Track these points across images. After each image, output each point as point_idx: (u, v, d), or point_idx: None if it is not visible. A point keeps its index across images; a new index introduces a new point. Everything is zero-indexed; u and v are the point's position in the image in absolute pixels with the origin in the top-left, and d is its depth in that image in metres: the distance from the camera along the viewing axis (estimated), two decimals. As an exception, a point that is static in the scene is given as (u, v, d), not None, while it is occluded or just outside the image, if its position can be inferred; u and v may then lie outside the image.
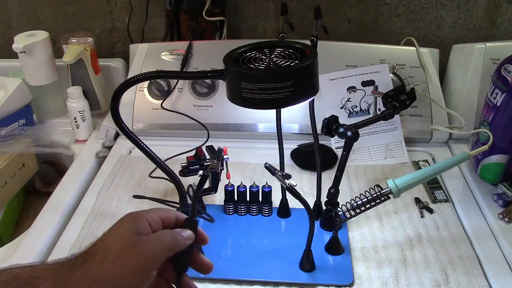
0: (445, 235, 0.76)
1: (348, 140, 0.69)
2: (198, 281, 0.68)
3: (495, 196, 0.83)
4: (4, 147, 0.95)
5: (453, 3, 1.12)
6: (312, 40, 0.76)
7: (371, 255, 0.73)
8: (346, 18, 1.17)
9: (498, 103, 0.80)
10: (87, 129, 1.05)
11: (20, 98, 1.04)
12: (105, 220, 0.79)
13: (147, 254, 0.47)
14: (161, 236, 0.50)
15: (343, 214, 0.71)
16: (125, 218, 0.51)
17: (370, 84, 0.98)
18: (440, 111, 0.99)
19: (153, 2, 1.18)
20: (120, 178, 0.90)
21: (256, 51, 0.62)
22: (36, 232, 0.78)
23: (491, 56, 0.97)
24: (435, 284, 0.68)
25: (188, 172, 0.77)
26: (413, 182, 0.68)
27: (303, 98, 0.59)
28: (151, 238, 0.49)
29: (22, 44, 1.01)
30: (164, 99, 1.01)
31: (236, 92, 0.58)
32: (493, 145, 0.79)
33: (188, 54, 1.04)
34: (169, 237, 0.50)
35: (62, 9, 1.22)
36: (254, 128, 1.01)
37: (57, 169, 1.12)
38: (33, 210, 1.04)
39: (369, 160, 0.96)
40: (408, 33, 1.16)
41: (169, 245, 0.50)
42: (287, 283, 0.68)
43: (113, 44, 1.26)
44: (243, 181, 0.81)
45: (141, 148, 0.63)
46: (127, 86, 0.58)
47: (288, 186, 0.63)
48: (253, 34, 1.21)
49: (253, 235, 0.77)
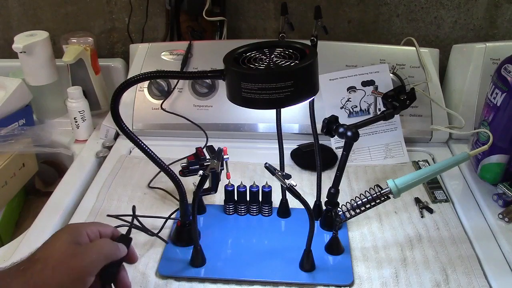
0: (445, 235, 0.76)
1: (348, 140, 0.69)
2: (198, 281, 0.68)
3: (495, 196, 0.83)
4: (4, 147, 0.95)
5: (453, 3, 1.12)
6: (312, 40, 0.76)
7: (371, 255, 0.73)
8: (346, 18, 1.17)
9: (498, 103, 0.80)
10: (87, 129, 1.05)
11: (20, 98, 1.04)
12: (105, 220, 0.79)
13: (85, 261, 0.51)
14: (100, 243, 0.53)
15: (343, 214, 0.71)
16: (64, 229, 0.54)
17: (370, 84, 0.98)
18: (440, 111, 0.99)
19: (153, 2, 1.18)
20: (120, 178, 0.90)
21: (256, 51, 0.62)
22: (36, 232, 0.78)
23: (491, 56, 0.97)
24: (435, 284, 0.68)
25: (188, 172, 0.77)
26: (413, 182, 0.68)
27: (303, 98, 0.59)
28: (90, 246, 0.53)
29: (22, 44, 1.01)
30: (164, 99, 1.01)
31: (236, 92, 0.58)
32: (493, 145, 0.79)
33: (188, 54, 1.04)
34: (108, 245, 0.54)
35: (62, 9, 1.22)
36: (254, 128, 1.01)
37: (57, 169, 1.12)
38: (33, 210, 1.04)
39: (369, 160, 0.96)
40: (408, 33, 1.16)
41: (107, 252, 0.53)
42: (287, 283, 0.68)
43: (113, 44, 1.26)
44: (243, 181, 0.81)
45: (141, 148, 0.63)
46: (127, 86, 0.59)
47: (288, 186, 0.63)
48: (253, 34, 1.21)
49: (253, 235, 0.77)
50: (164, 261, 0.71)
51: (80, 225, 0.55)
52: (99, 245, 0.53)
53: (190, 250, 0.70)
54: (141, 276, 0.69)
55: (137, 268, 0.70)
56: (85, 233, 0.54)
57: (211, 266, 0.70)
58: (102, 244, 0.53)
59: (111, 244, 0.55)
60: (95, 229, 0.55)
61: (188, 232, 0.74)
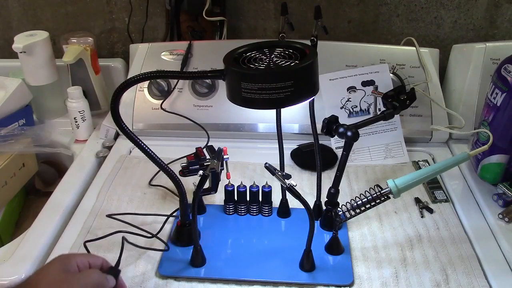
0: (445, 235, 0.76)
1: (348, 140, 0.69)
2: (197, 281, 0.68)
3: (495, 196, 0.83)
4: (4, 147, 0.95)
5: (453, 3, 1.12)
6: (312, 40, 0.76)
7: (371, 255, 0.73)
8: (346, 18, 1.17)
9: (498, 103, 0.80)
10: (87, 129, 1.05)
11: (20, 98, 1.04)
12: (105, 220, 0.79)
13: None
14: (88, 273, 0.57)
15: (343, 214, 0.71)
16: (57, 258, 0.58)
17: (370, 84, 0.98)
18: (440, 111, 0.99)
19: (153, 2, 1.18)
20: (120, 178, 0.90)
21: (256, 51, 0.62)
22: (36, 232, 0.78)
23: (491, 56, 0.97)
24: (435, 284, 0.68)
25: (188, 172, 0.77)
26: (413, 182, 0.68)
27: (303, 98, 0.59)
28: (79, 275, 0.57)
29: (22, 44, 1.01)
30: (164, 99, 1.01)
31: (236, 92, 0.58)
32: (493, 145, 0.79)
33: (188, 54, 1.04)
34: (96, 275, 0.57)
35: (62, 9, 1.22)
36: (254, 128, 1.01)
37: (57, 169, 1.12)
38: (33, 210, 1.04)
39: (369, 160, 0.96)
40: (408, 33, 1.16)
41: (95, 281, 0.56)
42: (287, 283, 0.68)
43: (113, 44, 1.26)
44: (243, 181, 0.81)
45: (141, 148, 0.63)
46: (127, 86, 0.59)
47: (288, 186, 0.63)
48: (253, 34, 1.21)
49: (253, 235, 0.77)
50: (164, 261, 0.71)
51: (72, 256, 0.59)
52: (87, 274, 0.57)
53: (190, 250, 0.70)
54: (141, 276, 0.69)
55: (137, 268, 0.70)
56: (75, 263, 0.58)
57: (211, 266, 0.70)
58: (90, 274, 0.57)
59: (99, 275, 0.58)
60: (85, 260, 0.59)
61: (188, 232, 0.74)
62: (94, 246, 0.73)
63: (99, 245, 0.74)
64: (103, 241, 0.74)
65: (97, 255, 0.63)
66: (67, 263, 0.57)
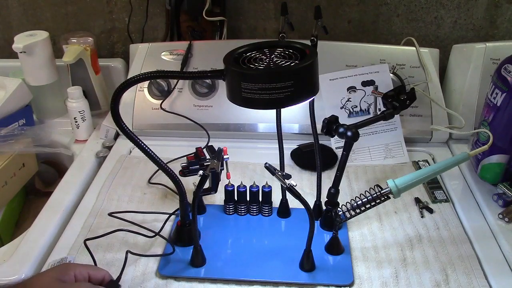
0: (445, 235, 0.76)
1: (348, 140, 0.69)
2: (197, 281, 0.68)
3: (495, 196, 0.83)
4: (4, 147, 0.95)
5: (453, 3, 1.12)
6: (312, 40, 0.76)
7: (371, 255, 0.73)
8: (346, 18, 1.17)
9: (498, 103, 0.80)
10: (87, 129, 1.05)
11: (20, 98, 1.04)
12: (105, 220, 0.79)
13: None
14: (80, 286, 0.58)
15: (343, 214, 0.71)
16: (57, 266, 0.60)
17: (370, 84, 0.98)
18: (440, 111, 0.99)
19: (153, 2, 1.18)
20: (120, 178, 0.90)
21: (256, 51, 0.62)
22: (36, 232, 0.78)
23: (491, 56, 0.97)
24: (435, 284, 0.68)
25: (188, 172, 0.77)
26: (413, 182, 0.68)
27: (303, 98, 0.59)
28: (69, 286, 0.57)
29: (22, 44, 1.01)
30: (164, 99, 1.01)
31: (236, 92, 0.58)
32: (493, 145, 0.79)
33: (188, 54, 1.04)
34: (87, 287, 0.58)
35: (62, 9, 1.22)
36: (254, 128, 1.01)
37: (57, 169, 1.12)
38: (33, 210, 1.04)
39: (369, 160, 0.96)
40: (408, 33, 1.16)
41: None
42: (287, 283, 0.68)
43: (113, 44, 1.26)
44: (243, 181, 0.81)
45: (141, 148, 0.63)
46: (127, 86, 0.59)
47: (288, 186, 0.63)
48: (253, 34, 1.21)
49: (253, 235, 0.77)
50: (164, 261, 0.71)
51: (72, 265, 0.60)
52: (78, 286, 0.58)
53: (190, 250, 0.70)
54: (141, 276, 0.69)
55: (137, 268, 0.70)
56: (72, 274, 0.58)
57: (211, 266, 0.70)
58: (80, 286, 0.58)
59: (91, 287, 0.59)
60: (85, 272, 0.60)
61: (188, 232, 0.74)
62: (94, 246, 0.73)
63: (99, 244, 0.74)
64: (104, 241, 0.74)
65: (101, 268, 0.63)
66: (64, 272, 0.58)
